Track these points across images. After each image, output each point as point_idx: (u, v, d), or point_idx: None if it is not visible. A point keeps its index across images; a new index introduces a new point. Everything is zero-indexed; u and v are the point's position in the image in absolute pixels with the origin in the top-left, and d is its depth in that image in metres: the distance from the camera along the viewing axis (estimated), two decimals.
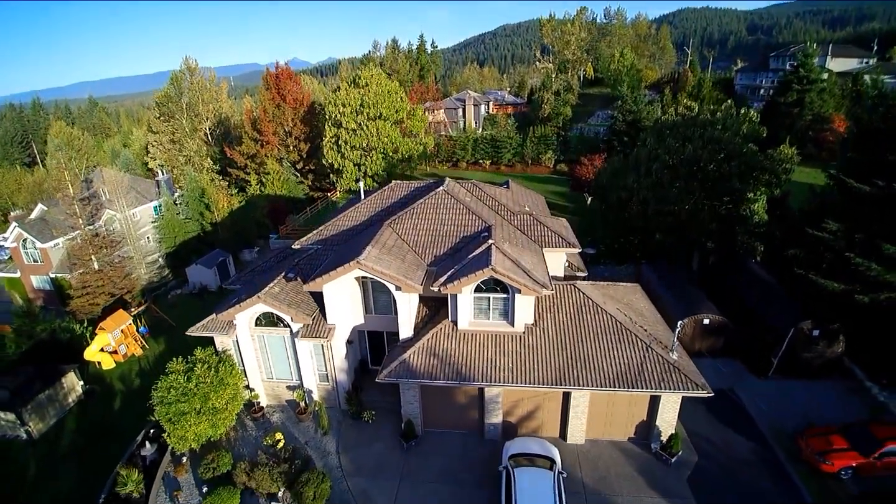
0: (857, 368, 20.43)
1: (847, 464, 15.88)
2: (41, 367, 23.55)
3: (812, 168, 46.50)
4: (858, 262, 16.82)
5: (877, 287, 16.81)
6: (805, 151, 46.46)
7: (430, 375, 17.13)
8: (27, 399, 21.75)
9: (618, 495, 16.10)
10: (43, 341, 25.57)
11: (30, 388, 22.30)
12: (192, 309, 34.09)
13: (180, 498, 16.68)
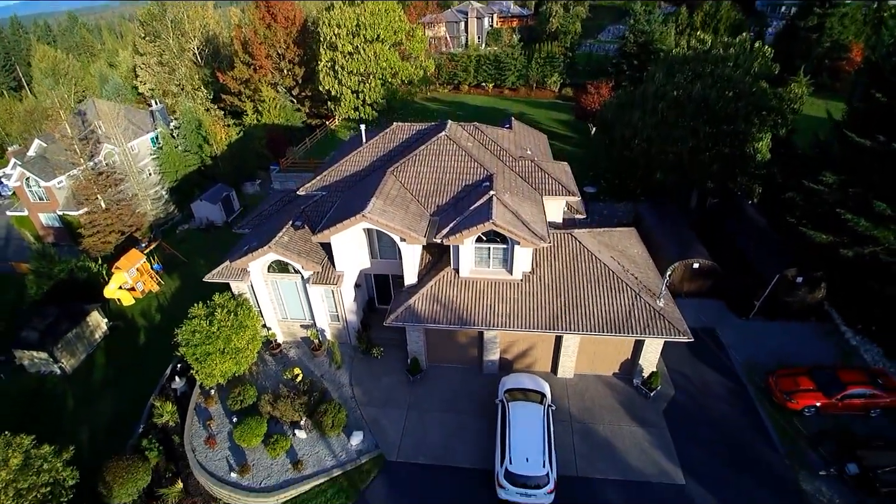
0: (834, 313, 21.82)
1: (811, 403, 17.69)
2: (66, 308, 25.05)
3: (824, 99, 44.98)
4: (848, 217, 17.37)
5: (862, 241, 17.52)
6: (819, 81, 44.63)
7: (433, 320, 18.50)
8: (57, 338, 23.45)
9: (600, 424, 18.19)
10: (62, 281, 26.87)
11: (57, 327, 23.92)
12: (200, 244, 35.23)
13: (213, 426, 18.83)
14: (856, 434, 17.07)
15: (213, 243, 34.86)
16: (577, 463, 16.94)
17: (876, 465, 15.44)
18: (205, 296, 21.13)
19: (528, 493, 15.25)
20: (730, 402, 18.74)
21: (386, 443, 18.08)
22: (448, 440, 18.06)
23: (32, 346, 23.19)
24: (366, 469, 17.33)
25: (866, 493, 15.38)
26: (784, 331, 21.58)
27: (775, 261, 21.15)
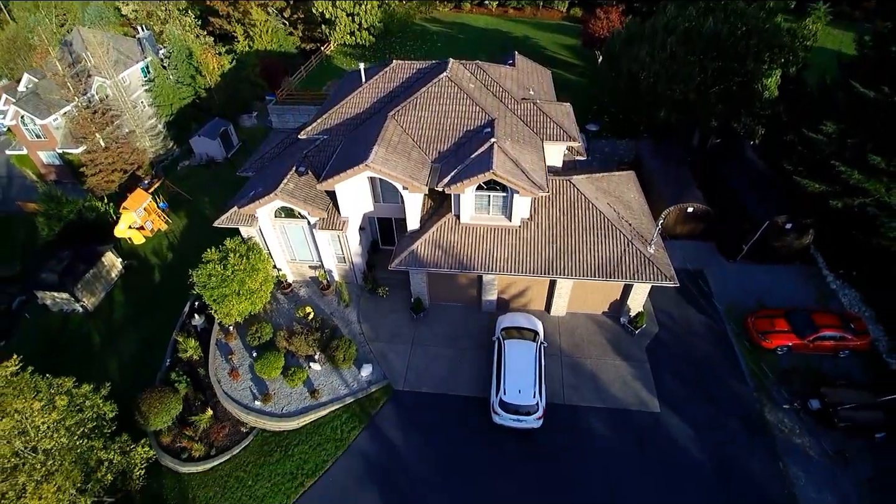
0: (819, 257, 22.81)
1: (784, 343, 19.22)
2: (80, 250, 26.02)
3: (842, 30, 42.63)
4: (842, 169, 17.70)
5: (853, 193, 18.01)
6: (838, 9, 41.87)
7: (435, 264, 19.54)
8: (76, 279, 24.65)
9: (587, 358, 19.94)
10: (72, 222, 27.62)
11: (75, 269, 25.04)
12: (203, 181, 35.49)
13: (234, 360, 20.58)
14: (822, 373, 18.82)
15: (215, 180, 35.12)
16: (565, 392, 18.86)
17: (836, 402, 17.22)
18: (212, 233, 22.06)
19: (519, 419, 17.24)
20: (709, 340, 20.35)
21: (393, 374, 19.94)
22: (449, 372, 19.90)
23: (53, 288, 24.47)
24: (375, 397, 19.31)
25: (825, 426, 17.27)
26: (769, 273, 22.74)
27: (767, 206, 21.75)
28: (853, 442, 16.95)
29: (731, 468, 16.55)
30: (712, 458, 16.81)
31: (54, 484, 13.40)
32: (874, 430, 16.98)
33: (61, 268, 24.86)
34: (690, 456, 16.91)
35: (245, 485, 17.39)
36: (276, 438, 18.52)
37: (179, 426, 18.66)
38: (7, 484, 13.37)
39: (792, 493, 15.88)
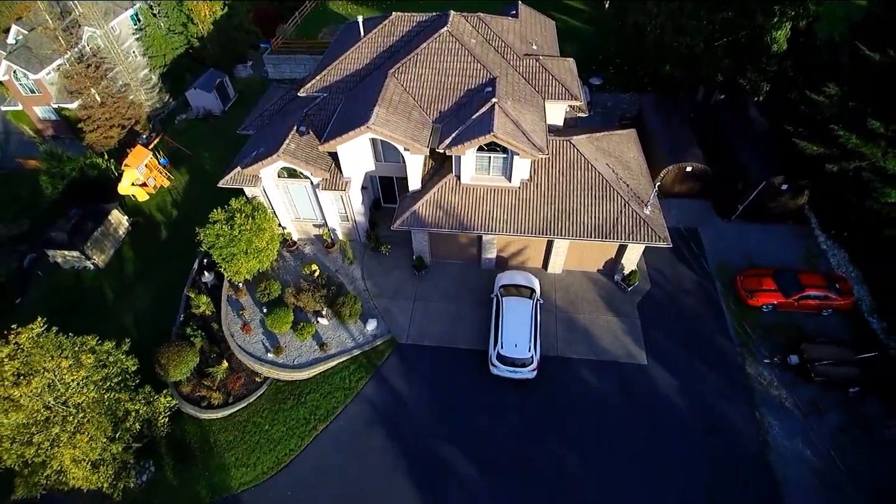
0: (813, 217, 23.25)
1: (769, 301, 20.09)
2: (87, 208, 26.43)
3: None
4: (840, 133, 17.79)
5: (850, 157, 18.18)
6: None
7: (436, 225, 20.08)
8: (85, 237, 25.24)
9: (581, 314, 20.94)
10: (75, 180, 27.83)
11: (83, 227, 25.57)
12: (201, 135, 35.26)
13: (245, 315, 21.59)
14: (804, 330, 19.83)
15: (214, 134, 34.88)
16: (559, 346, 20.00)
17: (815, 357, 18.32)
18: (215, 190, 22.42)
19: (515, 370, 18.45)
20: (698, 297, 21.25)
21: (397, 328, 21.02)
22: (450, 326, 20.97)
23: (63, 246, 25.11)
24: (380, 350, 20.50)
25: (802, 380, 18.46)
26: (762, 232, 23.29)
27: (765, 167, 21.95)
28: (828, 395, 18.21)
29: (710, 416, 17.93)
30: (693, 406, 18.17)
31: (87, 434, 14.68)
32: (849, 384, 18.14)
33: (70, 226, 25.40)
34: (672, 404, 18.26)
35: (262, 429, 18.90)
36: (289, 387, 19.87)
37: (198, 377, 19.93)
38: (42, 435, 14.63)
39: (765, 439, 17.32)
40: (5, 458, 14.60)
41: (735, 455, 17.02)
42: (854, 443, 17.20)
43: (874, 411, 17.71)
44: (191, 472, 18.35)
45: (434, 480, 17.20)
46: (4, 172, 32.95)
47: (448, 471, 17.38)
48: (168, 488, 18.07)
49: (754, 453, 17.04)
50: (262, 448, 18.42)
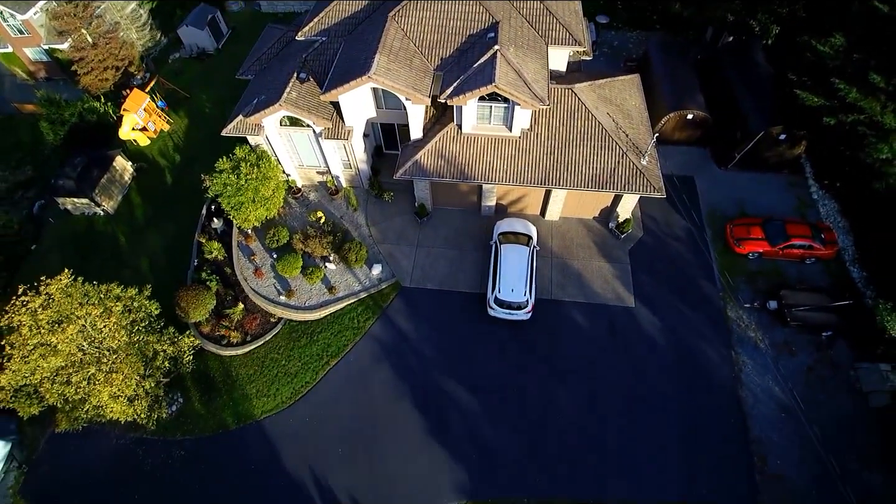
0: (808, 166, 23.60)
1: (755, 249, 21.05)
2: (91, 155, 26.61)
3: None
4: (841, 87, 17.78)
5: (848, 110, 18.28)
6: None
7: (437, 174, 20.60)
8: (93, 184, 25.66)
9: (575, 259, 22.03)
10: (75, 126, 27.74)
11: (89, 174, 25.91)
12: (197, 75, 34.50)
13: (257, 260, 22.67)
14: (786, 277, 20.97)
15: (210, 74, 34.10)
16: (552, 289, 21.29)
17: (792, 303, 19.61)
18: (216, 133, 22.73)
19: (511, 312, 19.85)
20: (688, 244, 22.21)
21: (401, 272, 22.21)
22: (451, 271, 22.16)
23: (72, 194, 25.60)
24: (386, 292, 21.81)
25: (779, 324, 19.84)
26: (756, 181, 23.80)
27: (764, 116, 22.00)
28: (801, 338, 19.71)
29: (689, 354, 19.58)
30: (673, 345, 19.77)
31: (122, 373, 16.23)
32: (822, 329, 19.58)
33: (76, 174, 25.76)
34: (655, 343, 19.86)
35: (279, 364, 20.65)
36: (301, 327, 21.40)
37: (216, 318, 21.39)
38: (80, 375, 16.17)
39: (738, 376, 19.05)
40: (47, 396, 16.23)
41: (708, 389, 18.84)
42: (820, 381, 18.95)
43: (843, 354, 19.31)
44: (216, 403, 20.31)
45: (436, 406, 19.17)
46: (2, 117, 32.62)
47: (448, 398, 19.30)
48: (196, 417, 20.10)
49: (726, 388, 18.85)
50: (280, 381, 20.26)
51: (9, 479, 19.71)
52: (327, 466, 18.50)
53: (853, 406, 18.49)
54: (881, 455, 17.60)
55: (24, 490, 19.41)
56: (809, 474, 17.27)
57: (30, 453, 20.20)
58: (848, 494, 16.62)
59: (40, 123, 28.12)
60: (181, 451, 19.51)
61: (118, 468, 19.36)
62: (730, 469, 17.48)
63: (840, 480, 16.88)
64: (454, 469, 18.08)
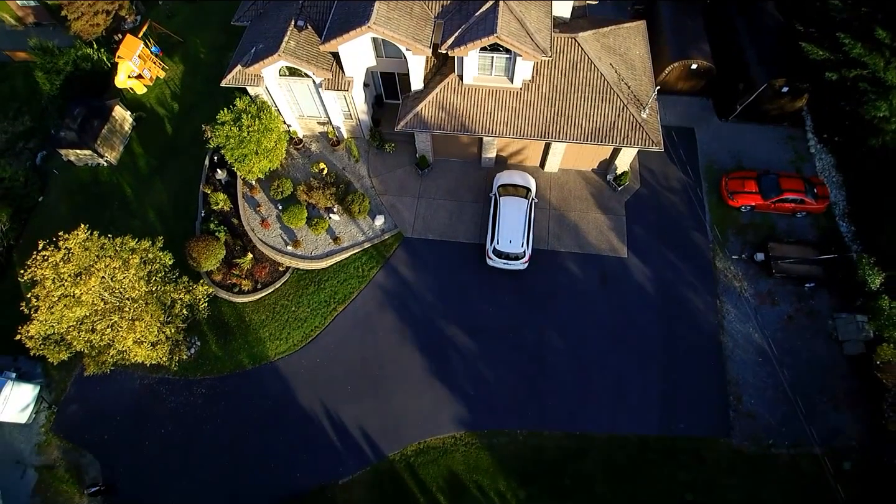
0: (809, 119, 23.51)
1: (748, 202, 21.56)
2: (90, 105, 26.38)
3: None
4: (845, 41, 17.49)
5: (851, 65, 18.11)
6: None
7: (438, 127, 20.74)
8: (95, 135, 25.65)
9: (572, 211, 22.64)
10: (71, 74, 27.28)
11: (89, 125, 25.81)
12: (190, 18, 33.29)
13: (263, 211, 23.27)
14: (775, 230, 21.62)
15: (202, 15, 32.88)
16: (549, 240, 22.08)
17: (779, 255, 20.42)
18: (213, 80, 22.49)
19: (509, 262, 20.77)
20: (684, 197, 22.72)
21: (403, 223, 22.91)
22: (451, 222, 22.87)
23: (75, 145, 25.66)
24: (388, 243, 22.62)
25: (764, 274, 20.74)
26: (755, 133, 23.88)
27: (769, 67, 21.71)
28: (784, 288, 20.73)
29: (676, 301, 20.71)
30: (662, 293, 20.86)
31: (144, 321, 17.34)
32: (806, 280, 20.53)
33: (77, 125, 25.70)
34: (645, 291, 20.93)
35: (289, 310, 21.85)
36: (309, 275, 22.40)
37: (227, 267, 22.33)
38: (103, 323, 17.26)
39: (721, 323, 20.27)
40: (75, 343, 17.40)
41: (692, 335, 20.14)
42: (799, 329, 20.18)
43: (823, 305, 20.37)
44: (232, 346, 21.70)
45: (437, 348, 20.58)
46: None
47: (448, 341, 20.68)
48: (214, 358, 21.55)
49: (709, 334, 20.15)
50: (291, 325, 21.54)
51: (40, 418, 21.39)
52: (338, 402, 20.17)
53: (828, 353, 19.82)
54: (851, 400, 19.10)
55: (56, 428, 21.06)
56: (780, 414, 18.88)
57: (58, 395, 21.78)
58: (811, 434, 18.20)
59: (35, 73, 27.67)
60: (202, 390, 21.13)
61: (144, 406, 21.01)
62: (706, 407, 19.11)
63: (804, 420, 18.44)
64: (454, 403, 19.75)
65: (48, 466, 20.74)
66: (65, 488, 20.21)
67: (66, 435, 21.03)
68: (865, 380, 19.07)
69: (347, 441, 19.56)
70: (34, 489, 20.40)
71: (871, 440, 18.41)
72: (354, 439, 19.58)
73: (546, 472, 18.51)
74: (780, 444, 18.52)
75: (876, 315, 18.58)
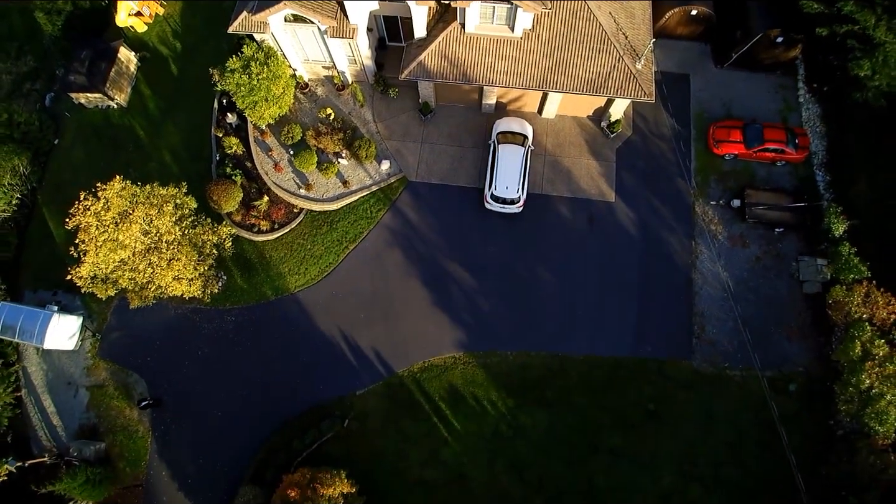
0: (802, 68, 24.08)
1: (731, 151, 22.95)
2: (95, 47, 26.55)
3: None
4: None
5: (842, 21, 18.68)
6: None
7: (440, 76, 21.61)
8: (104, 78, 26.12)
9: (566, 157, 24.13)
10: (70, 14, 27.14)
11: (98, 68, 26.17)
12: None
13: (275, 156, 24.64)
14: (755, 178, 23.19)
15: None
16: (543, 184, 23.81)
17: (754, 202, 22.21)
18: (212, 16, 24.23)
19: (505, 206, 22.67)
20: (672, 143, 24.01)
21: (407, 168, 24.46)
22: (452, 166, 24.46)
23: (84, 89, 26.21)
24: (394, 186, 24.32)
25: (739, 219, 22.66)
26: (748, 81, 24.63)
27: (766, 17, 22.00)
28: (756, 232, 22.80)
29: (655, 242, 22.93)
30: (643, 234, 23.02)
31: (180, 262, 19.54)
32: (776, 226, 22.49)
33: (84, 68, 26.06)
34: (627, 232, 23.10)
35: (305, 248, 24.04)
36: (322, 216, 24.32)
37: (245, 209, 24.16)
38: (144, 263, 19.44)
39: (694, 262, 22.62)
40: (120, 281, 19.71)
41: (667, 271, 22.60)
42: (764, 269, 22.55)
43: (790, 248, 22.54)
44: (255, 280, 24.14)
45: (439, 281, 23.12)
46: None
47: (449, 275, 23.17)
48: (241, 291, 24.05)
49: (682, 271, 22.58)
50: (308, 262, 23.85)
51: (86, 345, 24.24)
52: (352, 327, 23.05)
53: (789, 292, 22.35)
54: (803, 332, 21.88)
55: (102, 353, 23.93)
56: (736, 342, 21.67)
57: (100, 324, 24.46)
58: (755, 359, 20.86)
59: (35, 14, 27.43)
60: (231, 318, 23.89)
61: (180, 332, 23.81)
62: (673, 334, 22.01)
63: (753, 348, 21.10)
64: (454, 328, 22.64)
65: (98, 386, 23.88)
66: (115, 403, 23.47)
67: (112, 358, 24.02)
68: (818, 316, 21.66)
69: (362, 360, 22.68)
70: (87, 405, 23.67)
71: (818, 368, 21.32)
72: (368, 358, 22.69)
73: (532, 386, 21.79)
74: (734, 367, 21.58)
75: (835, 259, 20.79)
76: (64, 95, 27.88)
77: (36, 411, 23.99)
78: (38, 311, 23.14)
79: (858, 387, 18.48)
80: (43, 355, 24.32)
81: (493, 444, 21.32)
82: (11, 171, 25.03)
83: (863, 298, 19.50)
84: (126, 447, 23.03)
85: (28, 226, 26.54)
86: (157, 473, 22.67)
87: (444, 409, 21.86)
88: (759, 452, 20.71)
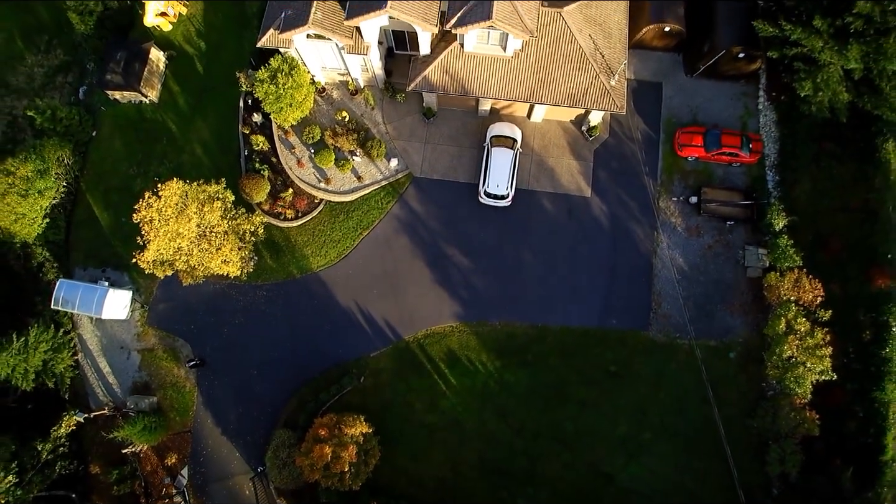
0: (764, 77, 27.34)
1: (693, 154, 26.64)
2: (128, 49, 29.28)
3: None
4: (787, 27, 21.13)
5: (789, 45, 21.92)
6: None
7: (443, 89, 25.01)
8: (138, 78, 29.05)
9: (550, 157, 27.82)
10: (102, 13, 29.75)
11: (132, 68, 29.05)
12: None
13: (297, 153, 28.21)
14: (712, 177, 26.99)
15: None
16: (530, 181, 27.61)
17: (709, 199, 26.11)
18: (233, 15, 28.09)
19: (496, 201, 26.57)
20: (643, 146, 27.65)
21: (412, 165, 28.12)
22: (452, 164, 28.13)
23: (122, 87, 29.18)
24: (402, 181, 28.07)
25: (695, 214, 26.65)
26: (714, 90, 28.00)
27: (731, 34, 25.01)
28: (710, 224, 26.83)
29: (624, 231, 27.02)
30: (613, 224, 27.07)
31: (227, 248, 23.55)
32: (727, 219, 26.50)
33: (120, 68, 28.94)
34: (600, 223, 27.14)
35: (325, 234, 28.02)
36: (339, 206, 28.16)
37: (272, 199, 27.93)
38: (197, 249, 23.41)
39: (655, 249, 26.76)
40: (176, 264, 23.71)
41: (632, 256, 26.79)
42: (714, 255, 26.73)
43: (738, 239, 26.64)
44: (282, 260, 28.22)
45: (440, 262, 27.28)
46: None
47: (448, 257, 27.31)
48: (270, 270, 28.18)
49: (645, 256, 26.76)
50: (328, 246, 27.91)
51: (136, 315, 28.45)
52: (366, 301, 27.37)
53: (734, 275, 26.60)
54: (744, 309, 26.25)
55: (150, 321, 28.16)
56: (687, 316, 26.07)
57: (147, 297, 28.60)
58: (690, 330, 25.32)
59: (68, 14, 29.88)
60: (263, 292, 28.13)
61: (219, 305, 28.00)
62: (634, 309, 26.41)
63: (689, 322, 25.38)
64: (451, 302, 26.98)
65: (148, 349, 28.25)
66: (164, 364, 27.89)
67: (160, 325, 28.33)
68: (757, 297, 25.94)
69: (374, 327, 27.14)
70: (139, 366, 28.08)
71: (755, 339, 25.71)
72: (379, 326, 27.15)
73: (515, 350, 26.39)
74: (683, 337, 26.06)
75: (773, 249, 24.89)
76: (95, 87, 30.67)
77: (93, 371, 28.42)
78: (95, 287, 27.11)
79: (782, 356, 22.88)
80: (96, 324, 28.50)
81: (482, 397, 26.13)
82: (57, 161, 28.28)
83: (793, 283, 23.65)
84: (175, 400, 27.62)
85: (73, 210, 30.08)
86: (203, 421, 27.45)
87: (443, 369, 26.52)
88: (698, 406, 25.54)
